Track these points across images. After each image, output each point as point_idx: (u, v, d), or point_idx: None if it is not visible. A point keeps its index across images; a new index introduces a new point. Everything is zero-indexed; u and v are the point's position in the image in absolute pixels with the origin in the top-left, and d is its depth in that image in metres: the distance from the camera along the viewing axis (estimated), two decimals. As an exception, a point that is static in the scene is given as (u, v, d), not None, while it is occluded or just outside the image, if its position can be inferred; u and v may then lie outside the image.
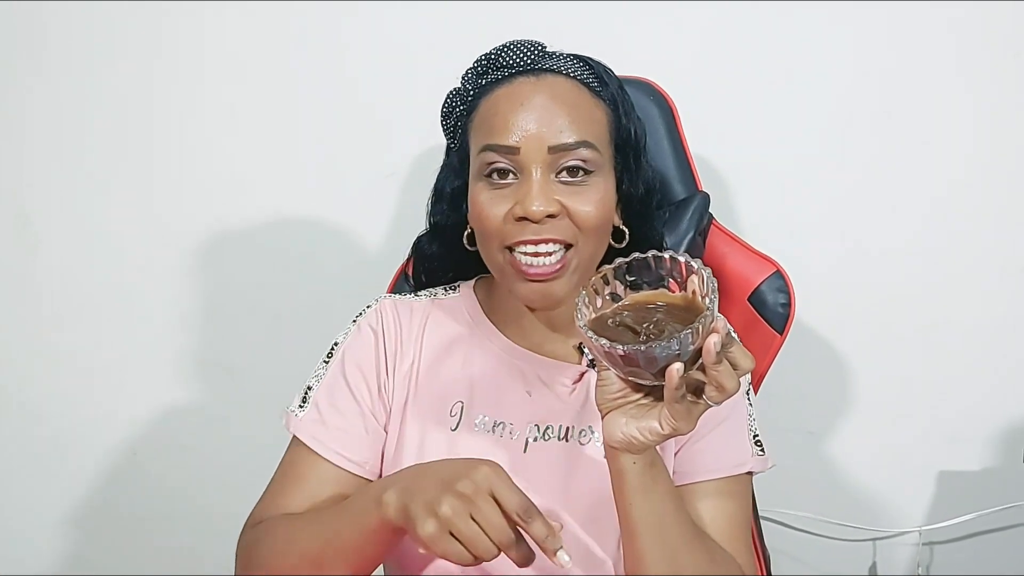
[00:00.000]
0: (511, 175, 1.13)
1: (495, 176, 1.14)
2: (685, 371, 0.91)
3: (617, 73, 1.23)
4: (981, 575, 1.86)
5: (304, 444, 1.21)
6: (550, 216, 1.11)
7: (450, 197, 1.25)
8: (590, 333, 0.94)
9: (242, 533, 1.21)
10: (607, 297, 1.01)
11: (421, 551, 0.98)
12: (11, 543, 2.00)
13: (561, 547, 0.95)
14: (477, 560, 0.94)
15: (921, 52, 1.72)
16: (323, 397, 1.23)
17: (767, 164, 1.76)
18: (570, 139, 1.12)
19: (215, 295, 1.90)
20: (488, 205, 1.14)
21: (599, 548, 1.17)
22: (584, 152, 1.13)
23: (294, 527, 1.13)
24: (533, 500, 1.14)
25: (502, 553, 0.94)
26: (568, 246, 1.14)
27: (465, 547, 0.93)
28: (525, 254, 1.13)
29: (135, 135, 1.86)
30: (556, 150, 1.12)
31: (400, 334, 1.26)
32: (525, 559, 0.96)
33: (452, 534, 0.93)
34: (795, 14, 1.72)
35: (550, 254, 1.13)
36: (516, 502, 0.94)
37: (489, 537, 0.93)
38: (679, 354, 0.90)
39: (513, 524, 0.94)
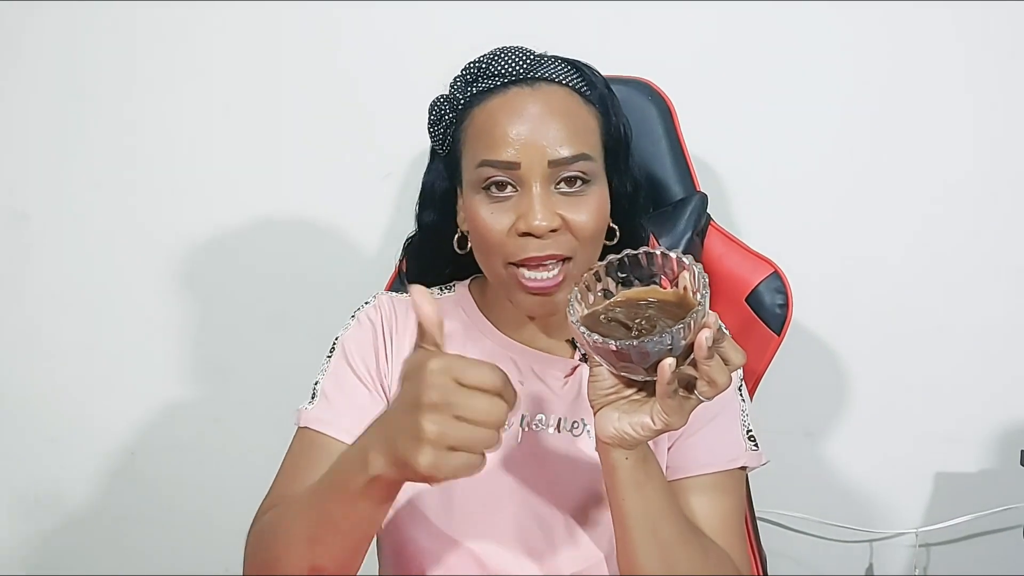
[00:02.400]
0: (509, 187, 1.13)
1: (494, 189, 1.14)
2: (677, 366, 0.91)
3: (615, 73, 1.23)
4: (978, 576, 1.87)
5: (313, 431, 1.20)
6: (552, 231, 1.12)
7: (438, 199, 1.25)
8: (582, 329, 0.94)
9: (251, 526, 1.19)
10: (599, 294, 1.02)
11: (433, 487, 0.91)
12: (9, 543, 2.00)
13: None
14: (483, 460, 0.86)
15: (920, 54, 1.72)
16: (330, 386, 1.23)
17: (765, 165, 1.77)
18: (569, 152, 1.12)
19: (212, 296, 1.91)
20: (490, 220, 1.13)
21: (592, 541, 1.17)
22: (582, 164, 1.13)
23: (287, 510, 1.10)
24: (526, 491, 1.15)
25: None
26: (566, 259, 1.14)
27: (467, 451, 0.84)
28: (528, 267, 1.13)
29: (133, 135, 1.86)
30: (556, 164, 1.12)
31: (396, 325, 1.27)
32: (511, 401, 0.86)
33: (452, 448, 0.84)
34: (794, 15, 1.72)
35: (550, 267, 1.13)
36: (490, 378, 0.85)
37: (485, 425, 0.84)
38: (671, 349, 0.90)
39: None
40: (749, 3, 1.72)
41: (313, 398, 1.23)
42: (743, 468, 1.22)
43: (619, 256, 1.01)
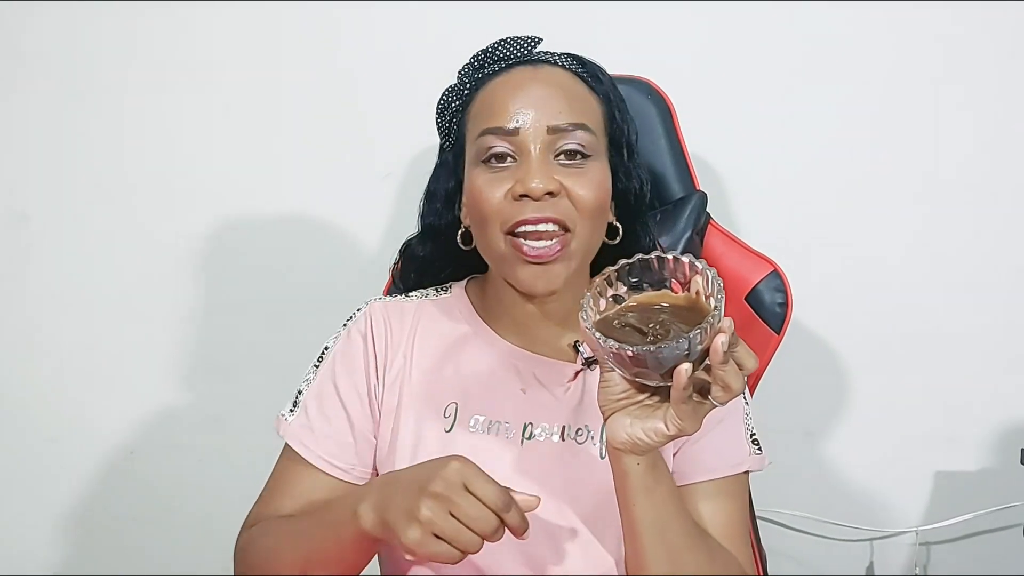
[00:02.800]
0: (509, 159, 1.14)
1: (493, 161, 1.14)
2: (692, 371, 0.91)
3: (615, 72, 1.24)
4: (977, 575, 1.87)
5: (294, 449, 1.22)
6: (549, 194, 1.11)
7: (444, 197, 1.25)
8: (598, 335, 0.93)
9: (239, 534, 1.23)
10: (610, 299, 1.01)
11: (408, 557, 0.98)
12: (9, 543, 1.99)
13: (527, 529, 0.98)
14: (464, 555, 0.96)
15: (920, 54, 1.72)
16: (312, 402, 1.23)
17: (765, 164, 1.77)
18: (568, 120, 1.13)
19: (211, 296, 1.90)
20: (487, 187, 1.14)
21: (599, 546, 1.17)
22: (582, 135, 1.14)
23: (281, 533, 1.15)
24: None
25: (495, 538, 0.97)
26: (566, 229, 1.13)
27: (451, 544, 0.95)
28: (527, 236, 1.13)
29: (132, 135, 1.86)
30: (555, 131, 1.12)
31: (390, 337, 1.26)
32: (519, 530, 0.98)
33: (437, 536, 0.95)
34: (794, 15, 1.73)
35: (550, 236, 1.13)
36: (492, 496, 0.95)
37: (472, 529, 0.94)
38: (688, 354, 0.90)
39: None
40: (749, 3, 1.72)
41: (295, 407, 1.24)
42: (747, 471, 1.22)
43: (630, 260, 1.00)
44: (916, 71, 1.72)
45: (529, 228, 1.12)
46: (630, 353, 0.90)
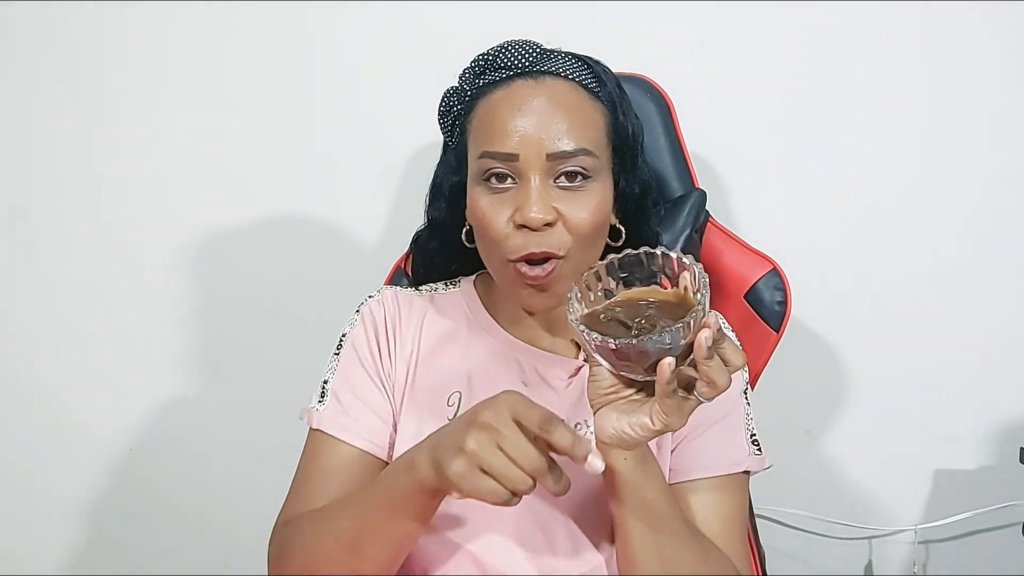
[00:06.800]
0: (509, 179, 1.13)
1: (493, 180, 1.14)
2: (676, 366, 0.91)
3: (614, 70, 1.23)
4: (976, 574, 1.86)
5: (328, 435, 1.20)
6: (547, 224, 1.11)
7: (448, 194, 1.25)
8: (582, 328, 0.94)
9: (272, 534, 1.20)
10: (599, 293, 1.01)
11: (455, 496, 0.96)
12: (7, 541, 2.00)
13: (590, 451, 0.93)
14: (513, 496, 0.92)
15: (920, 52, 1.72)
16: (341, 387, 1.23)
17: (764, 162, 1.76)
18: (568, 146, 1.12)
19: (211, 292, 1.90)
20: (489, 212, 1.14)
21: (593, 544, 1.17)
22: (583, 159, 1.13)
23: (324, 515, 1.12)
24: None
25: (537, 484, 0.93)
26: (559, 256, 1.13)
27: (498, 481, 0.92)
28: (525, 263, 1.13)
29: (132, 132, 1.86)
30: (554, 157, 1.12)
31: (399, 322, 1.27)
32: (562, 487, 0.93)
33: (484, 471, 0.92)
34: (792, 11, 1.72)
35: (544, 260, 1.13)
36: (536, 417, 0.93)
37: (521, 467, 0.91)
38: (670, 348, 0.90)
39: (544, 451, 0.93)
40: (749, 2, 1.72)
41: (323, 398, 1.23)
42: (746, 472, 1.22)
43: (619, 255, 1.01)
44: (916, 69, 1.72)
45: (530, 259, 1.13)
46: (613, 346, 0.90)
